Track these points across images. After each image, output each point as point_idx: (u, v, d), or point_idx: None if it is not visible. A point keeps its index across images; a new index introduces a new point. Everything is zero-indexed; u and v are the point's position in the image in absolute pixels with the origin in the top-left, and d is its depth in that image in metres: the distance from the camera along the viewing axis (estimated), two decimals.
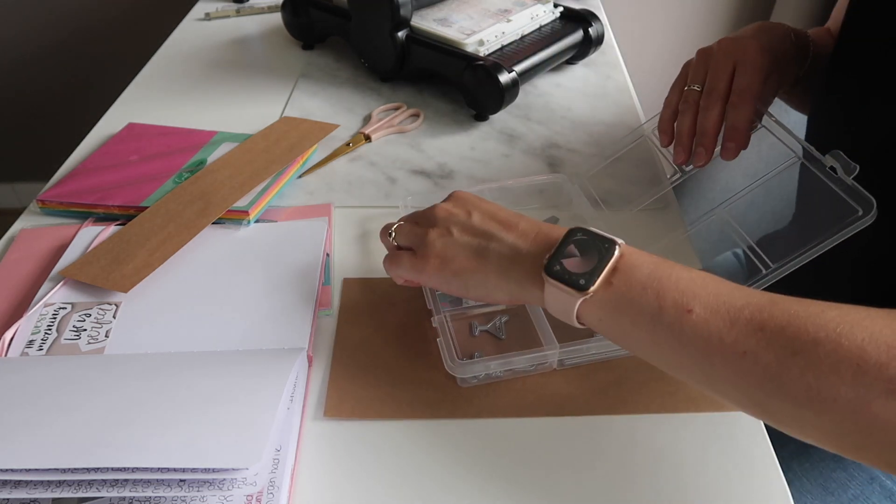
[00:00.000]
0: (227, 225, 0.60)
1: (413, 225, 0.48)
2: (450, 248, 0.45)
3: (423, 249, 0.45)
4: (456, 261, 0.44)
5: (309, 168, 0.69)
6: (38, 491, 0.35)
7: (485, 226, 0.44)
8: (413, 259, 0.46)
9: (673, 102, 0.58)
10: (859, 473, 0.55)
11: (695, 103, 0.56)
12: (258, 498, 0.38)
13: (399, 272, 0.48)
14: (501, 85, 0.72)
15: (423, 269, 0.45)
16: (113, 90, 0.86)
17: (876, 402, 0.30)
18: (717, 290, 0.36)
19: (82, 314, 0.51)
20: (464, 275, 0.44)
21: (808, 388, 0.31)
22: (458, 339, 0.51)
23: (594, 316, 0.39)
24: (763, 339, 0.33)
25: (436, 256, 0.45)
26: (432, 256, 0.45)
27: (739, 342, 0.34)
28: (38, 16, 1.56)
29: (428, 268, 0.45)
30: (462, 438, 0.45)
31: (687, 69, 0.59)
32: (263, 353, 0.47)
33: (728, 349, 0.34)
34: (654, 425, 0.45)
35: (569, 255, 0.40)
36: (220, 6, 1.05)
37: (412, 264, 0.46)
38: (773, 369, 0.32)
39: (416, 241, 0.47)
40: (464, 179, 0.68)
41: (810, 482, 0.55)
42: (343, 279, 0.56)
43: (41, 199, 0.62)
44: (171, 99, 0.82)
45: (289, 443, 0.41)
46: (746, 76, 0.54)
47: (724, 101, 0.54)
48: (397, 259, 0.48)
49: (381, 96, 0.83)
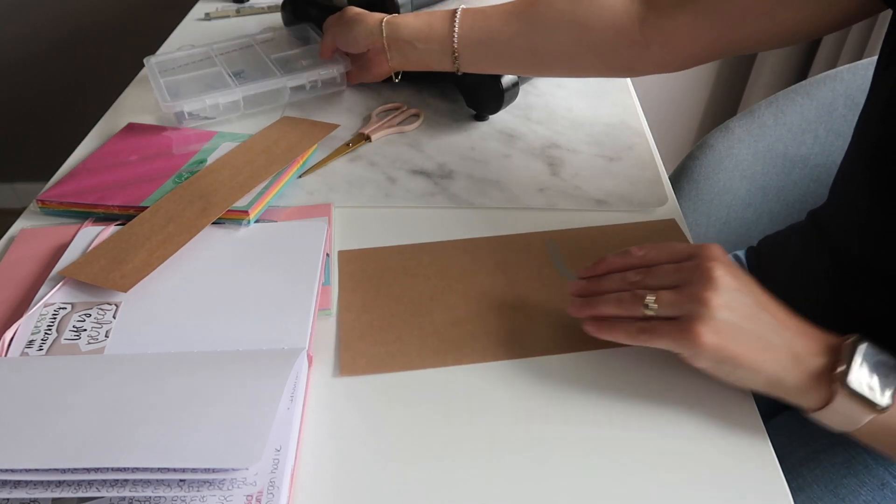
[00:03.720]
0: (227, 225, 0.60)
1: (681, 292, 0.42)
2: (732, 329, 0.41)
3: (699, 321, 0.41)
4: (737, 343, 0.41)
5: (309, 168, 0.69)
6: (38, 491, 0.35)
7: (766, 314, 0.42)
8: (683, 331, 0.41)
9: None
10: (870, 479, 0.55)
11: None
12: (258, 498, 0.38)
13: (660, 342, 0.42)
14: (501, 85, 0.72)
15: (690, 344, 0.41)
16: (113, 90, 0.86)
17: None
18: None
19: (82, 314, 0.51)
20: (736, 361, 0.41)
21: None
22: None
23: (878, 428, 0.41)
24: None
25: (714, 333, 0.41)
26: (711, 332, 0.40)
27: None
28: (38, 16, 1.56)
29: (701, 343, 0.41)
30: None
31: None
32: (263, 353, 0.47)
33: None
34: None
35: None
36: (220, 6, 1.05)
37: (677, 336, 0.41)
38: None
39: (689, 308, 0.41)
40: (464, 179, 0.69)
41: (821, 489, 0.55)
42: (338, 251, 0.59)
43: (41, 199, 0.62)
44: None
45: (289, 443, 0.41)
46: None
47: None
48: (657, 331, 0.42)
49: (380, 96, 0.83)
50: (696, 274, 0.43)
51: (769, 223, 0.88)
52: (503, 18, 0.65)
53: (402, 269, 0.57)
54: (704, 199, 0.85)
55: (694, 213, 0.85)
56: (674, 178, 0.88)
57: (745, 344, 0.42)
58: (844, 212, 0.62)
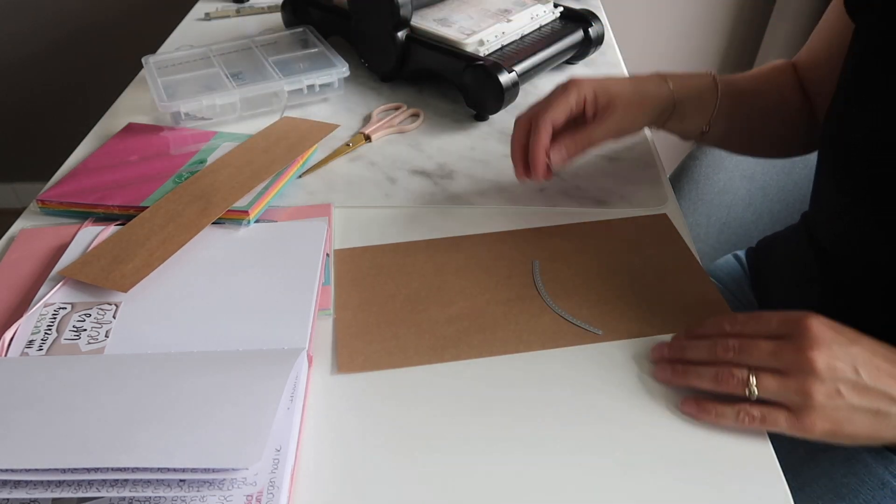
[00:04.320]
0: (227, 225, 0.60)
1: (782, 380, 0.42)
2: (842, 412, 0.41)
3: (809, 412, 0.41)
4: (852, 425, 0.41)
5: (309, 168, 0.69)
6: (38, 491, 0.35)
7: (879, 385, 0.41)
8: (791, 418, 0.42)
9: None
10: (870, 479, 0.55)
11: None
12: (258, 498, 0.38)
13: (771, 428, 0.42)
14: (501, 85, 0.72)
15: (806, 431, 0.41)
16: (113, 90, 0.86)
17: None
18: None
19: (82, 314, 0.51)
20: (856, 437, 0.42)
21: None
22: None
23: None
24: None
25: (826, 420, 0.41)
26: (822, 420, 0.41)
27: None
28: (38, 16, 1.56)
29: (812, 431, 0.41)
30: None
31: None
32: (263, 353, 0.47)
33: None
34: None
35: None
36: (220, 6, 1.05)
37: (791, 423, 0.42)
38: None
39: (796, 399, 0.41)
40: (464, 179, 0.69)
41: (820, 488, 0.55)
42: (335, 251, 0.59)
43: (41, 199, 0.62)
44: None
45: (289, 443, 0.41)
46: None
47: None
48: (773, 417, 0.42)
49: (381, 96, 0.83)
50: (797, 362, 0.42)
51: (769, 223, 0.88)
52: (739, 106, 0.64)
53: (397, 267, 0.57)
54: (704, 199, 0.85)
55: (694, 213, 0.85)
56: (674, 178, 0.88)
57: (859, 423, 0.41)
58: (824, 212, 0.62)
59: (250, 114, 0.77)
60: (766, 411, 0.42)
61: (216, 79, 0.78)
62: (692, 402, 0.44)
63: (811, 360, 0.41)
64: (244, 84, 0.76)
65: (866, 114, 0.52)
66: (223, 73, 0.78)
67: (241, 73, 0.79)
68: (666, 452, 0.43)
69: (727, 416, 0.43)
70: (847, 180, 0.55)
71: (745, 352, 0.44)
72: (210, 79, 0.78)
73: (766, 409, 0.42)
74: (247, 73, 0.79)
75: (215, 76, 0.78)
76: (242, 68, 0.80)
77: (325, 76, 0.78)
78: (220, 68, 0.80)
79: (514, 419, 0.45)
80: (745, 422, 0.43)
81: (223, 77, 0.78)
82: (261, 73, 0.79)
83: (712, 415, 0.43)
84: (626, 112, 0.57)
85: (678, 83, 0.60)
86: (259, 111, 0.78)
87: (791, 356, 0.42)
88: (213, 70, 0.79)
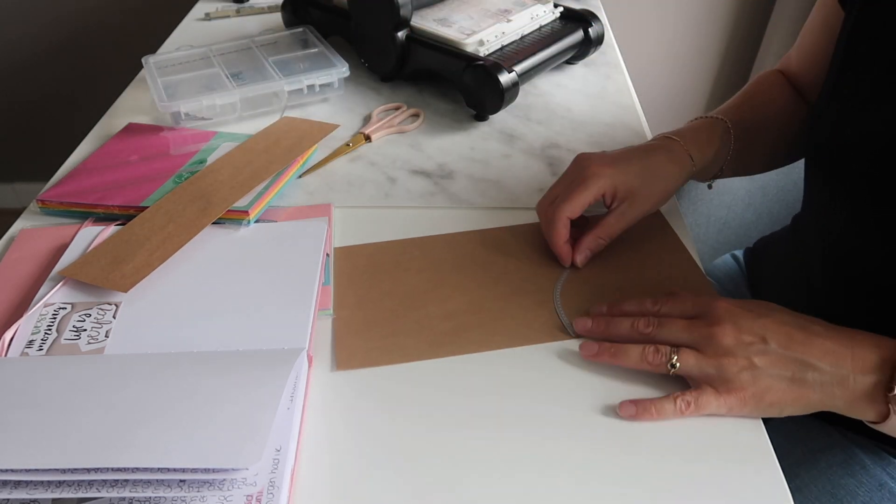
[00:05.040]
0: (227, 225, 0.60)
1: (700, 356, 0.45)
2: (761, 381, 0.43)
3: (729, 385, 0.44)
4: (771, 393, 0.43)
5: (309, 168, 0.69)
6: (38, 491, 0.35)
7: (790, 352, 0.44)
8: (718, 395, 0.44)
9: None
10: (868, 480, 0.55)
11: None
12: (258, 498, 0.38)
13: (706, 410, 0.45)
14: (501, 85, 0.72)
15: (734, 406, 0.44)
16: (113, 90, 0.86)
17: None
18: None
19: (82, 314, 0.51)
20: (780, 404, 0.44)
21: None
22: None
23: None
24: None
25: (747, 391, 0.44)
26: (743, 392, 0.44)
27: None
28: (39, 16, 1.56)
29: (740, 404, 0.44)
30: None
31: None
32: (263, 353, 0.47)
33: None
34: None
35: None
36: (220, 6, 1.05)
37: (720, 401, 0.44)
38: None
39: (714, 374, 0.44)
40: (464, 179, 0.69)
41: (818, 489, 0.55)
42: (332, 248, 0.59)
43: (41, 199, 0.62)
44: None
45: (289, 443, 0.41)
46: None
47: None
48: (703, 399, 0.44)
49: (381, 96, 0.83)
50: (707, 336, 0.45)
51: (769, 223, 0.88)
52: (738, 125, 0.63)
53: (394, 264, 0.58)
54: (704, 199, 0.85)
55: (694, 214, 0.85)
56: None
57: (779, 391, 0.43)
58: (816, 216, 0.62)
59: (250, 114, 0.77)
60: (697, 394, 0.44)
61: (216, 79, 0.78)
62: (630, 406, 0.45)
63: (718, 335, 0.44)
64: (244, 84, 0.76)
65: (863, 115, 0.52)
66: (223, 73, 0.78)
67: (241, 73, 0.79)
68: (666, 453, 0.43)
69: (666, 409, 0.45)
70: (840, 184, 0.55)
71: (664, 327, 0.47)
72: (210, 79, 0.78)
73: (696, 393, 0.45)
74: (247, 73, 0.79)
75: (215, 76, 0.78)
76: (242, 68, 0.80)
77: (325, 76, 0.78)
78: (220, 68, 0.80)
79: (514, 413, 0.45)
80: (683, 409, 0.44)
81: (223, 77, 0.78)
82: (261, 73, 0.79)
83: (653, 412, 0.45)
84: (644, 204, 0.57)
85: (698, 152, 0.59)
86: (259, 111, 0.78)
87: (702, 331, 0.45)
88: (213, 70, 0.79)
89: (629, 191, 0.56)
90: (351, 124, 0.77)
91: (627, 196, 0.56)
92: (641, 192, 0.56)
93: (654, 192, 0.57)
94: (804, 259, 0.64)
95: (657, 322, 0.47)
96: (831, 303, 0.59)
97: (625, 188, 0.56)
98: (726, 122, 0.62)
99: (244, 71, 0.80)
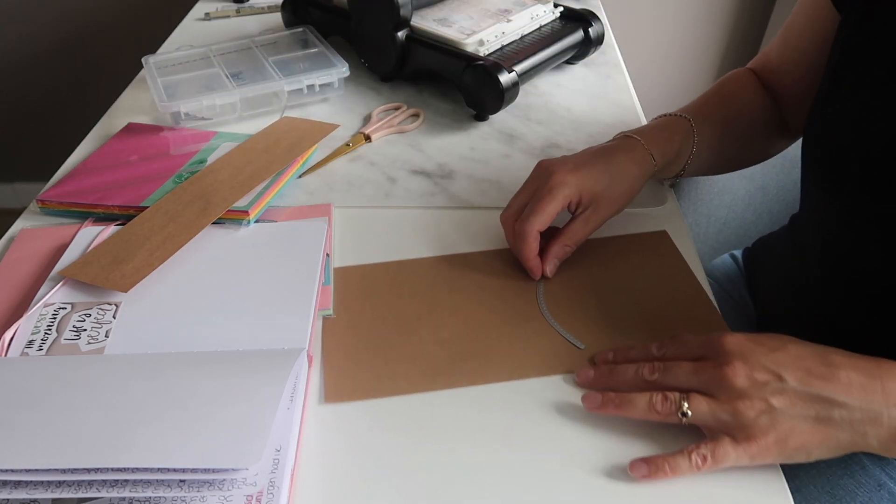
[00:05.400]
0: (227, 225, 0.60)
1: (712, 402, 0.41)
2: (782, 424, 0.39)
3: (748, 432, 0.40)
4: (795, 436, 0.39)
5: (309, 168, 0.69)
6: (38, 491, 0.35)
7: (811, 388, 0.40)
8: (737, 445, 0.40)
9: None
10: (867, 480, 0.55)
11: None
12: (258, 498, 0.38)
13: (725, 463, 0.40)
14: (501, 85, 0.72)
15: (755, 454, 0.40)
16: (113, 90, 0.86)
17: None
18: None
19: (82, 314, 0.51)
20: (807, 448, 0.40)
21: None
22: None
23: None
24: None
25: (768, 437, 0.39)
26: (764, 438, 0.39)
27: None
28: (39, 16, 1.56)
29: (763, 452, 0.40)
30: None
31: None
32: (263, 353, 0.47)
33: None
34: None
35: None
36: (220, 6, 1.05)
37: (738, 451, 0.40)
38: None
39: (730, 420, 0.40)
40: (464, 179, 0.69)
41: (817, 489, 0.55)
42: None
43: (41, 199, 0.62)
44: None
45: (289, 443, 0.41)
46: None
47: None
48: (721, 451, 0.40)
49: (381, 96, 0.83)
50: (717, 378, 0.41)
51: (769, 223, 0.88)
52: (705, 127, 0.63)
53: (387, 288, 0.56)
54: (704, 199, 0.85)
55: (694, 214, 0.85)
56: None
57: (804, 433, 0.40)
58: (814, 215, 0.62)
59: (250, 114, 0.77)
60: (714, 445, 0.40)
61: (216, 79, 0.78)
62: (641, 465, 0.41)
63: (729, 376, 0.40)
64: (244, 84, 0.76)
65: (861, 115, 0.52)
66: (223, 73, 0.78)
67: (241, 73, 0.79)
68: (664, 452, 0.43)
69: (681, 466, 0.41)
70: (838, 185, 0.54)
71: (670, 372, 0.43)
72: (210, 79, 0.78)
73: (713, 444, 0.41)
74: (247, 73, 0.79)
75: (215, 76, 0.78)
76: (242, 68, 0.80)
77: (325, 76, 0.78)
78: (220, 68, 0.80)
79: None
80: (699, 464, 0.40)
81: (223, 77, 0.78)
82: (261, 73, 0.79)
83: (667, 470, 0.41)
84: (609, 207, 0.56)
85: (659, 151, 0.59)
86: (259, 111, 0.78)
87: (711, 372, 0.41)
88: (213, 70, 0.79)
89: (593, 196, 0.55)
90: (351, 124, 0.77)
91: (592, 201, 0.55)
92: (605, 195, 0.55)
93: (617, 194, 0.56)
94: (802, 259, 0.64)
95: (663, 367, 0.44)
96: (829, 303, 0.59)
97: (589, 194, 0.55)
98: (689, 119, 0.62)
99: (244, 71, 0.80)
